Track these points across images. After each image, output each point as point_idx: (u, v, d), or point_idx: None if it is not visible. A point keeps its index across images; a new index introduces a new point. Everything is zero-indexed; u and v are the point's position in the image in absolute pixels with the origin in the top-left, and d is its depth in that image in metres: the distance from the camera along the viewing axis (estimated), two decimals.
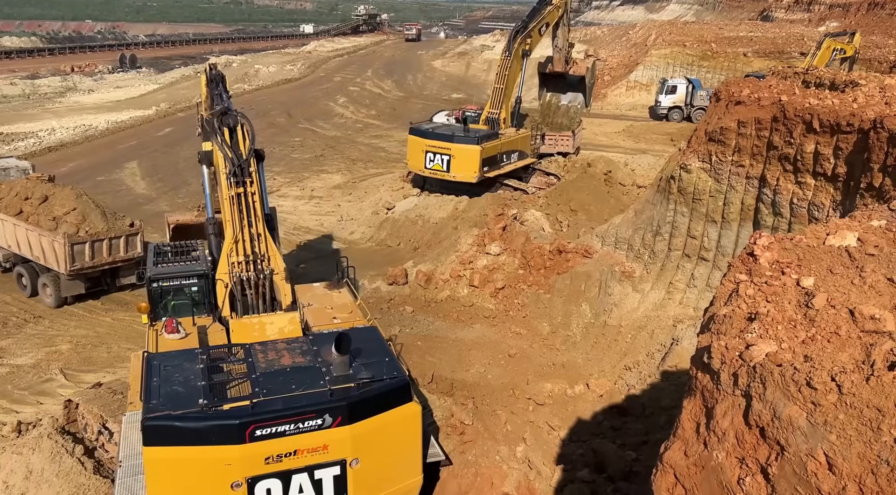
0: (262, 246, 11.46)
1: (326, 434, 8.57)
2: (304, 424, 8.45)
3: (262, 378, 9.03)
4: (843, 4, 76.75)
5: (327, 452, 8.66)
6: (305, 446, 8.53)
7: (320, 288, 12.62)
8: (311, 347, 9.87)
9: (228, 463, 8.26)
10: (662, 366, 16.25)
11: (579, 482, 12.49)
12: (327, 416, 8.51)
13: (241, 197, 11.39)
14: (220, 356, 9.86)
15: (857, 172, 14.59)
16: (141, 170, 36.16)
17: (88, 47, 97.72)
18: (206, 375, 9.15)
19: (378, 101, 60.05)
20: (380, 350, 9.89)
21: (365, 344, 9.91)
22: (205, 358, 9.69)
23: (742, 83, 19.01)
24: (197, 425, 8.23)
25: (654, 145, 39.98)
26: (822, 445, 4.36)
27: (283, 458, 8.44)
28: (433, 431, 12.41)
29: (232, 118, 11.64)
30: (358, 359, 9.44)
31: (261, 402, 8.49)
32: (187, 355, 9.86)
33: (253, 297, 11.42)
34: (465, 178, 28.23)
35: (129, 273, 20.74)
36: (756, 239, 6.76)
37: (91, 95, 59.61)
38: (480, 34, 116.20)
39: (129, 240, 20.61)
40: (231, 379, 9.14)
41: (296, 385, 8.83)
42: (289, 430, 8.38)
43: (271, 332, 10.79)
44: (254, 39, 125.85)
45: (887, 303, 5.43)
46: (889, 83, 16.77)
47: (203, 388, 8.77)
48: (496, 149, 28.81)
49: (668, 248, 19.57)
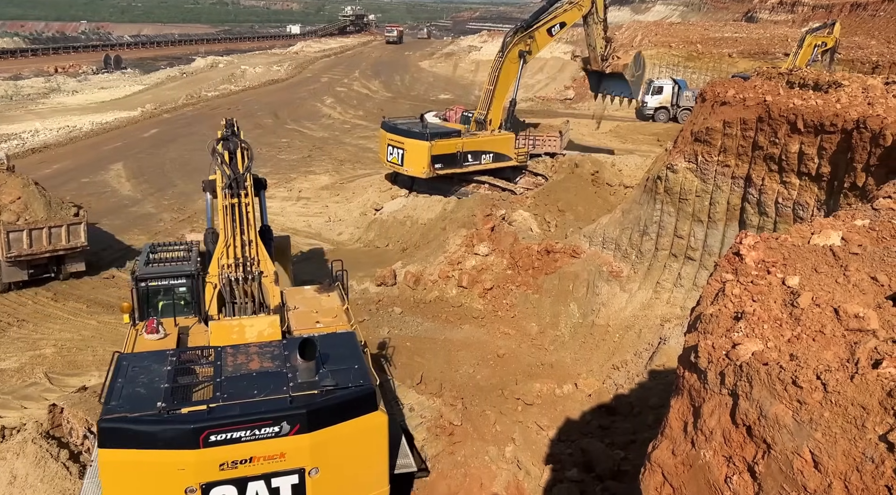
0: (252, 250, 11.76)
1: (284, 442, 8.41)
2: (261, 431, 8.30)
3: (225, 382, 8.91)
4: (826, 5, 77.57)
5: (284, 460, 8.48)
6: (262, 453, 8.37)
7: (310, 291, 12.57)
8: (283, 352, 9.73)
9: (182, 467, 8.15)
10: (650, 365, 16.33)
11: (568, 481, 12.53)
12: (285, 424, 8.36)
13: (235, 207, 11.85)
14: (189, 358, 9.74)
15: (840, 172, 14.74)
16: (126, 171, 35.85)
17: (72, 48, 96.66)
18: (172, 378, 9.07)
19: (365, 101, 59.95)
20: (352, 357, 9.70)
21: (338, 350, 9.76)
22: (174, 360, 9.58)
23: (727, 84, 19.16)
24: (151, 428, 8.13)
25: (641, 145, 40.20)
26: (808, 443, 4.40)
27: (238, 465, 8.29)
28: (413, 438, 12.32)
29: (232, 143, 12.37)
30: (326, 366, 9.26)
31: (218, 407, 8.36)
32: (157, 356, 9.76)
33: (241, 299, 11.57)
34: (415, 173, 29.16)
35: (75, 261, 21.40)
36: (742, 238, 6.81)
37: (75, 96, 59.02)
38: (468, 34, 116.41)
39: (70, 229, 20.98)
40: (195, 382, 9.02)
41: (258, 390, 8.68)
42: (244, 437, 8.24)
43: (250, 335, 10.69)
44: (240, 40, 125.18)
45: (871, 302, 5.48)
46: (871, 84, 16.95)
47: (165, 391, 8.68)
48: (452, 148, 28.82)
49: (655, 248, 19.68)
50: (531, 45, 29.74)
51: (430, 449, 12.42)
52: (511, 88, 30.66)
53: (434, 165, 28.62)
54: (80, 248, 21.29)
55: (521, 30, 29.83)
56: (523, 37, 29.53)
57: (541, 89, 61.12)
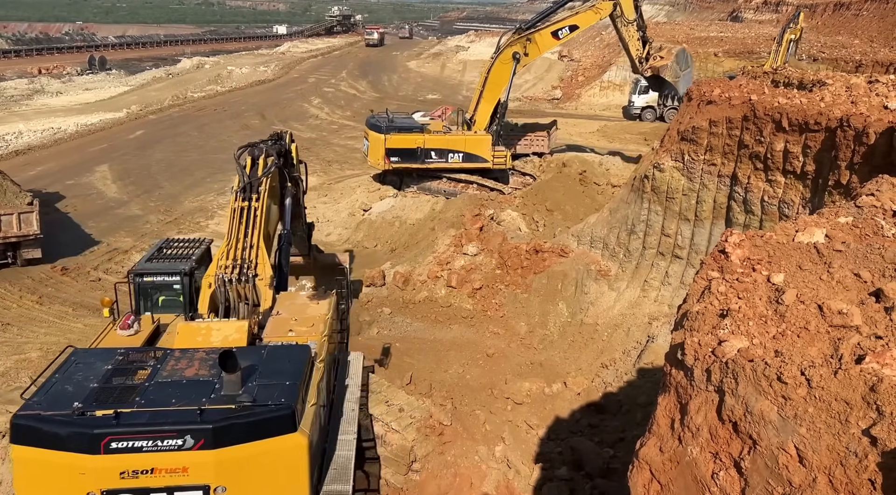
0: (252, 253, 11.79)
1: (187, 456, 8.13)
2: (163, 443, 8.06)
3: (152, 387, 8.73)
4: (810, 5, 78.21)
5: (187, 475, 8.20)
6: (164, 465, 8.13)
7: (303, 297, 12.37)
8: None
9: (83, 472, 8.02)
10: (638, 363, 16.41)
11: (558, 480, 12.58)
12: (189, 437, 8.09)
13: (244, 210, 12.08)
14: (134, 359, 9.55)
15: (825, 170, 14.88)
16: (112, 173, 35.56)
17: (56, 49, 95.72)
18: (107, 378, 8.94)
19: (353, 102, 59.82)
20: (290, 373, 9.22)
21: (281, 364, 9.37)
22: (120, 359, 9.44)
23: (713, 83, 19.30)
24: (58, 429, 8.04)
25: (628, 145, 40.34)
26: (793, 438, 4.44)
27: (139, 475, 8.09)
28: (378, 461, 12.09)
29: (258, 150, 12.91)
30: (259, 380, 8.90)
31: (126, 413, 8.18)
32: (106, 354, 9.62)
33: (234, 300, 11.57)
34: (373, 164, 30.14)
35: (31, 248, 22.24)
36: (727, 236, 6.86)
37: (59, 98, 58.48)
38: (455, 35, 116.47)
39: (22, 217, 21.68)
40: (126, 385, 8.85)
41: (177, 399, 8.46)
42: (146, 447, 8.04)
43: (216, 339, 10.46)
44: (226, 40, 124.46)
45: (854, 298, 5.55)
46: (855, 82, 17.13)
47: (90, 391, 8.59)
48: (412, 143, 28.97)
49: (642, 247, 19.78)
50: (528, 47, 28.61)
51: (420, 450, 12.42)
52: (502, 90, 30.20)
53: (390, 158, 28.95)
54: (32, 237, 22.06)
55: (519, 30, 28.95)
56: (520, 38, 28.58)
57: (528, 89, 61.24)
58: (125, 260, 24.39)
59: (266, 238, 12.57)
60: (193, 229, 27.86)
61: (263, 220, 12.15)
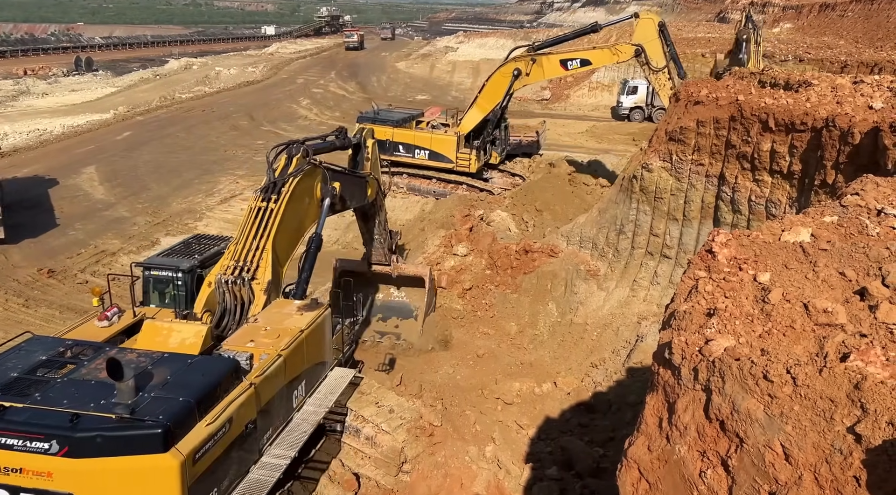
0: (256, 256, 11.57)
1: (52, 461, 8.05)
2: (31, 444, 8.05)
3: (58, 384, 8.75)
4: (796, 6, 78.83)
5: (52, 481, 8.13)
6: (31, 467, 8.09)
7: (293, 306, 11.71)
8: (148, 367, 9.22)
9: None
10: (628, 362, 16.48)
11: (548, 480, 12.60)
12: (55, 443, 8.03)
13: (261, 211, 11.80)
14: (75, 353, 9.62)
15: (811, 170, 15.01)
16: (99, 175, 35.30)
17: (42, 50, 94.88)
18: (33, 368, 9.02)
19: (342, 102, 59.70)
20: (196, 388, 8.94)
21: (194, 377, 9.14)
22: (60, 351, 9.52)
23: (701, 83, 19.42)
24: None
25: (617, 145, 40.51)
26: (779, 436, 4.48)
27: (10, 472, 8.11)
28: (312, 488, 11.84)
29: (294, 149, 12.44)
30: (157, 392, 8.71)
31: (13, 409, 8.21)
32: (52, 344, 9.70)
33: (231, 301, 11.49)
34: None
35: None
36: (714, 236, 6.91)
37: (45, 99, 57.96)
38: (444, 35, 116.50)
39: None
40: (42, 379, 8.92)
41: (69, 401, 8.41)
42: (16, 446, 8.03)
43: (173, 342, 10.40)
44: (214, 41, 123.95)
45: (839, 297, 5.60)
46: (840, 83, 17.29)
47: (8, 380, 8.71)
48: (380, 135, 29.13)
49: (631, 246, 19.87)
50: (532, 68, 27.75)
51: (410, 451, 12.41)
52: (495, 102, 29.40)
53: None
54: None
55: (531, 48, 28.30)
56: (527, 56, 27.84)
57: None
58: (112, 262, 24.22)
59: (289, 241, 12.26)
60: (182, 231, 27.69)
61: (278, 223, 11.76)
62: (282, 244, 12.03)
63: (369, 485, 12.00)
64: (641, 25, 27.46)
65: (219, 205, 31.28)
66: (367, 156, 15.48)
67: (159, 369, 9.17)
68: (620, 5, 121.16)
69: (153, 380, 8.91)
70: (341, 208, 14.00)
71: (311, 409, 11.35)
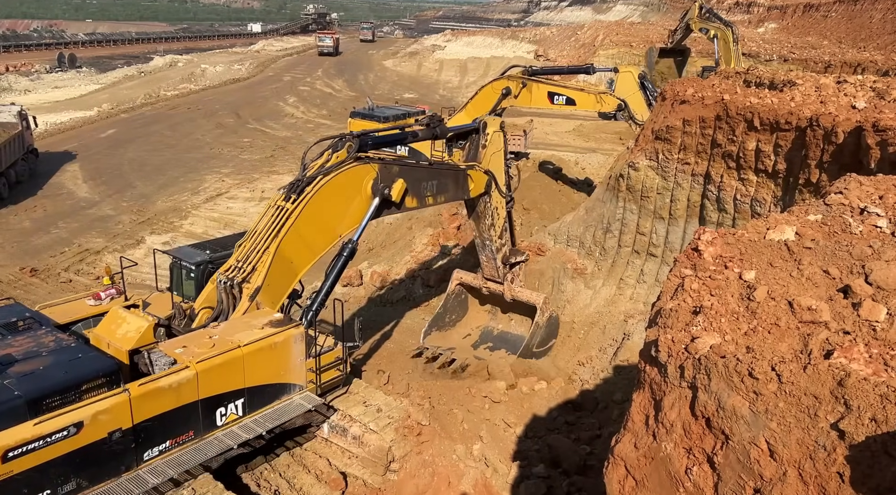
0: (258, 258, 11.20)
1: None
2: None
3: None
4: (781, 6, 79.52)
5: None
6: None
7: (264, 319, 10.98)
8: (21, 357, 9.31)
9: None
10: (614, 360, 16.55)
11: (535, 477, 12.62)
12: None
13: (280, 210, 11.22)
14: (13, 327, 10.21)
15: (795, 168, 15.14)
16: (83, 172, 34.95)
17: (24, 46, 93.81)
18: None
19: (329, 100, 59.47)
20: (42, 386, 8.90)
21: (54, 374, 9.09)
22: (4, 323, 10.16)
23: (687, 82, 19.52)
24: None
25: (604, 144, 40.63)
26: (764, 433, 4.51)
27: None
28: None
29: (341, 143, 11.77)
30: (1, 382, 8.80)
31: None
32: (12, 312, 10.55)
33: (226, 301, 11.33)
34: None
35: None
36: (700, 234, 6.94)
37: (28, 96, 57.29)
38: (432, 34, 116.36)
39: None
40: None
41: None
42: None
43: (119, 332, 10.64)
44: (200, 38, 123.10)
45: (823, 295, 5.64)
46: (824, 83, 17.44)
47: None
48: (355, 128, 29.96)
49: (618, 245, 19.94)
50: (520, 91, 27.26)
51: (398, 450, 12.38)
52: (482, 112, 29.39)
53: None
54: None
55: (527, 72, 27.93)
56: (519, 78, 27.47)
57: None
58: (97, 261, 23.98)
59: (309, 246, 11.53)
60: (167, 229, 27.48)
61: (292, 225, 11.10)
62: (297, 248, 11.27)
63: (357, 485, 11.97)
64: (622, 79, 27.44)
65: (204, 203, 31.07)
66: (484, 143, 13.77)
67: (34, 360, 9.24)
68: (607, 4, 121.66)
69: (12, 370, 9.00)
70: (401, 208, 12.74)
71: (236, 432, 10.67)
